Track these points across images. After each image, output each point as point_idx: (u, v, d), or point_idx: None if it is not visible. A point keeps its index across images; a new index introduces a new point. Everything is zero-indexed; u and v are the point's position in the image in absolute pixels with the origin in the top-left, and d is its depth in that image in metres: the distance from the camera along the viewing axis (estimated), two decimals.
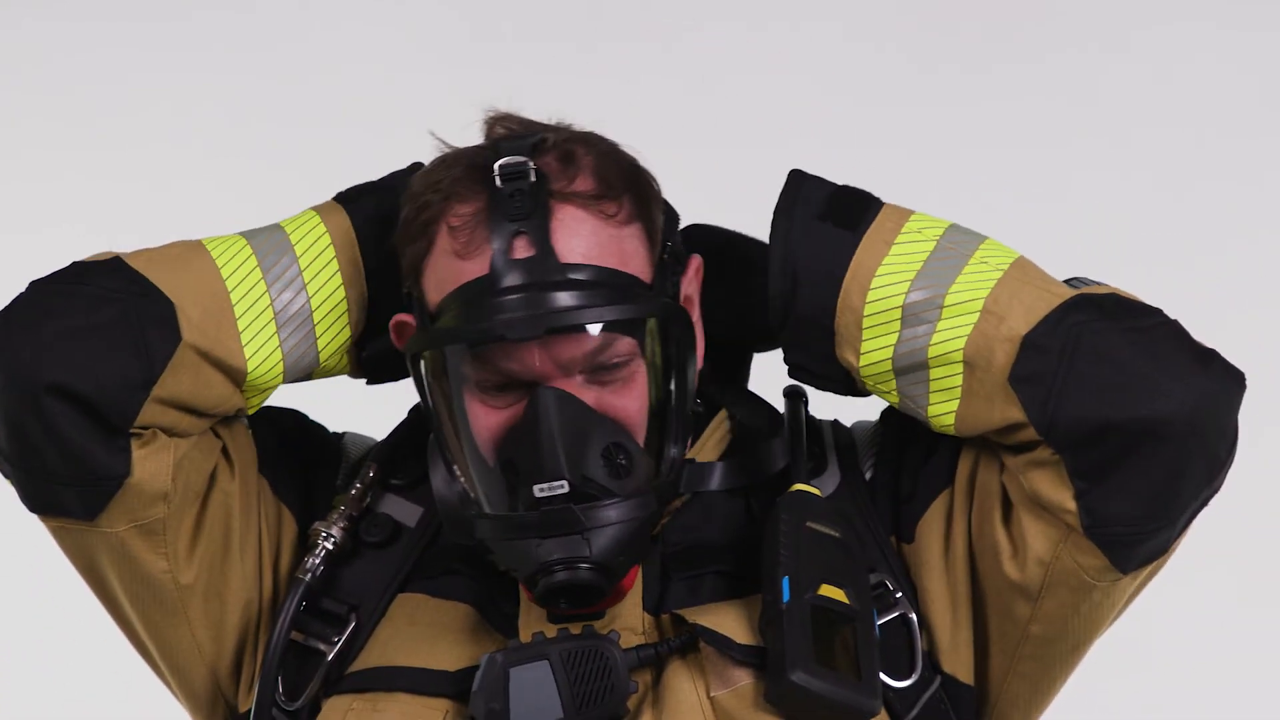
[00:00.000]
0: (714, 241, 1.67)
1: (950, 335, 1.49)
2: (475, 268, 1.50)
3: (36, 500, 1.54)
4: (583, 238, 1.50)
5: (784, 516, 1.54)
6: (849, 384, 1.56)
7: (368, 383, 1.65)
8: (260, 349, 1.54)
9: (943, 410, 1.52)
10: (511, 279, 1.48)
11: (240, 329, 1.53)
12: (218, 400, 1.54)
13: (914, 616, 1.56)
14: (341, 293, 1.56)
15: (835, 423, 1.70)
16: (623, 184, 1.53)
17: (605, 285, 1.49)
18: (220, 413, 1.56)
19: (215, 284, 1.53)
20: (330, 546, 1.59)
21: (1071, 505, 1.48)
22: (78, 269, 1.53)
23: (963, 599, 1.57)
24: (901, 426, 1.62)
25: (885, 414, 1.66)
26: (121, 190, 3.20)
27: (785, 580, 1.49)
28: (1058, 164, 3.15)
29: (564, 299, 1.47)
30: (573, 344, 1.49)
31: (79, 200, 3.21)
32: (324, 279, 1.56)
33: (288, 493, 1.64)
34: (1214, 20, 3.16)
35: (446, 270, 1.52)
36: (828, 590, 1.49)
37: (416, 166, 1.58)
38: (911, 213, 1.53)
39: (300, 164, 3.15)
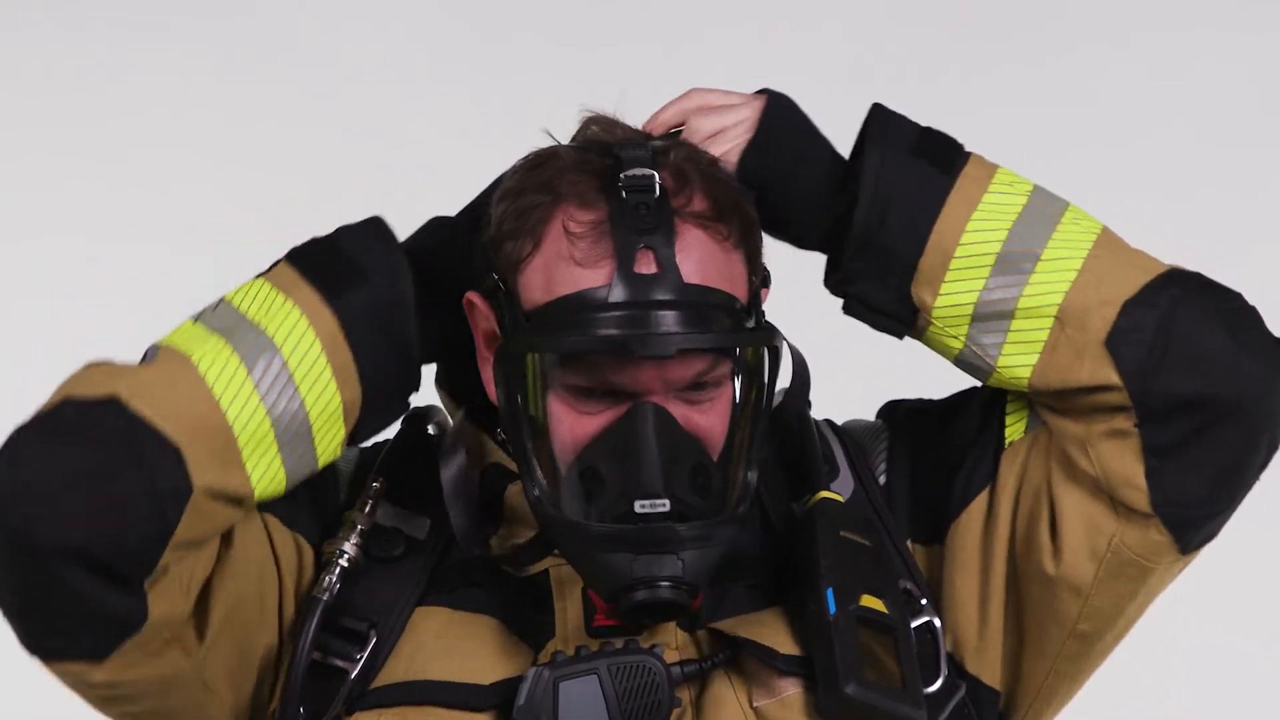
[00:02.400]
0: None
1: (1046, 289, 1.51)
2: (595, 277, 1.49)
3: (44, 648, 1.48)
4: (702, 259, 1.51)
5: (820, 525, 1.55)
6: (910, 324, 1.56)
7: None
8: (265, 473, 1.50)
9: (1018, 363, 1.53)
10: (635, 294, 1.48)
11: (244, 459, 1.49)
12: (224, 525, 1.51)
13: (938, 622, 1.57)
14: (337, 399, 1.52)
15: (829, 423, 1.70)
16: (732, 209, 1.54)
17: (722, 309, 1.50)
18: (224, 529, 1.53)
19: (214, 415, 1.47)
20: (345, 564, 1.58)
21: (1141, 482, 1.50)
22: (73, 411, 1.46)
23: (996, 600, 1.58)
24: (912, 427, 1.64)
25: (886, 413, 1.68)
26: (122, 197, 3.19)
27: (830, 591, 1.51)
28: (1058, 168, 3.12)
29: (686, 320, 1.48)
30: (685, 365, 1.49)
31: (80, 207, 3.21)
32: (319, 389, 1.51)
33: (299, 521, 1.62)
34: (1214, 24, 3.18)
35: (561, 275, 1.51)
36: (868, 600, 1.52)
37: (386, 238, 1.54)
38: (998, 166, 1.55)
39: (302, 170, 3.16)
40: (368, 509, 1.60)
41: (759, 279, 1.58)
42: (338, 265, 1.51)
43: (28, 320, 3.16)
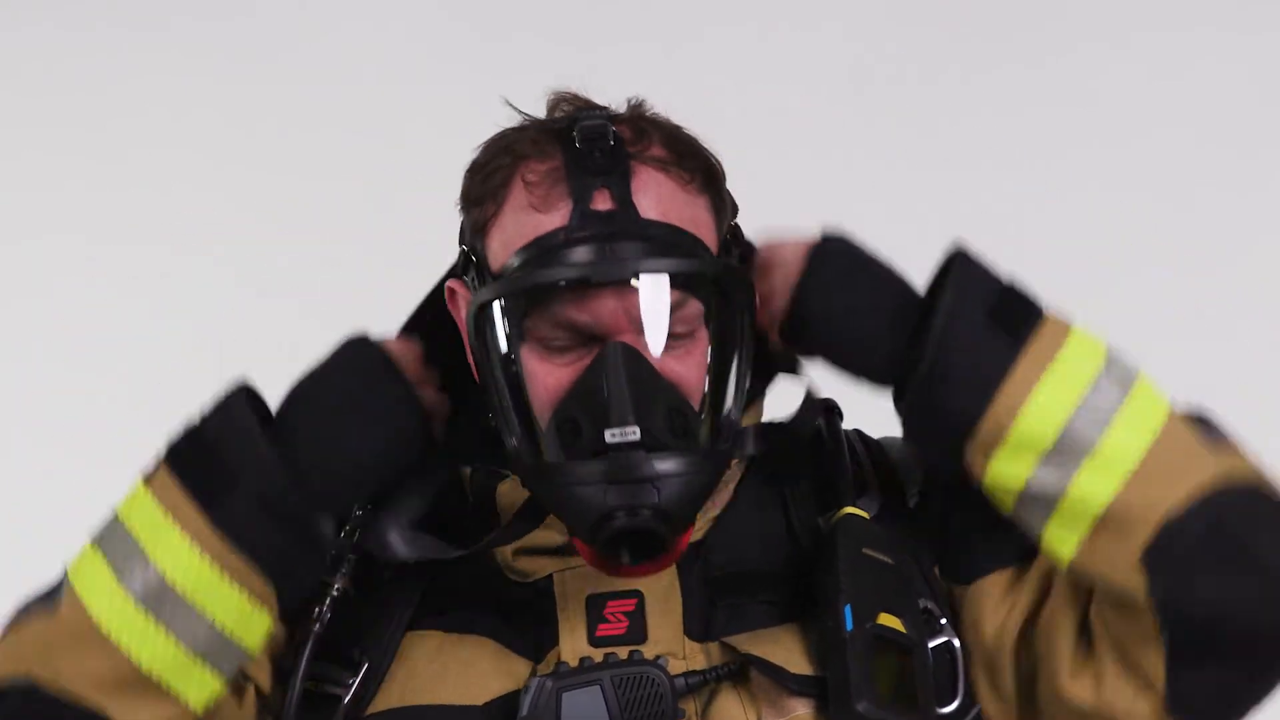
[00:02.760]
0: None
1: (1095, 487, 1.47)
2: (553, 220, 1.51)
3: None
4: (661, 198, 1.51)
5: (841, 542, 1.54)
6: (960, 472, 1.52)
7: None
8: (197, 689, 1.49)
9: (1058, 546, 1.49)
10: (592, 230, 1.49)
11: (171, 689, 1.49)
12: None
13: (958, 643, 1.56)
14: (242, 596, 1.49)
15: (862, 436, 1.69)
16: (693, 157, 1.55)
17: (682, 244, 1.50)
18: None
19: (125, 665, 1.47)
20: (335, 593, 1.58)
21: (1160, 684, 1.48)
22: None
23: (1005, 672, 1.57)
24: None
25: None
26: (122, 197, 3.19)
27: (848, 608, 1.49)
28: (1058, 170, 3.15)
29: (646, 249, 1.48)
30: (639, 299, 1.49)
31: (80, 207, 3.21)
32: (220, 599, 1.48)
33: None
34: (1214, 24, 3.17)
35: (521, 223, 1.52)
36: (886, 619, 1.50)
37: (248, 426, 1.50)
38: (1070, 330, 1.50)
39: (302, 170, 3.16)
40: (354, 536, 1.60)
41: (728, 231, 1.57)
42: (210, 469, 1.48)
43: (28, 320, 3.15)
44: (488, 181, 1.55)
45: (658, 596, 1.57)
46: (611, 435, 1.46)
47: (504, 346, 1.52)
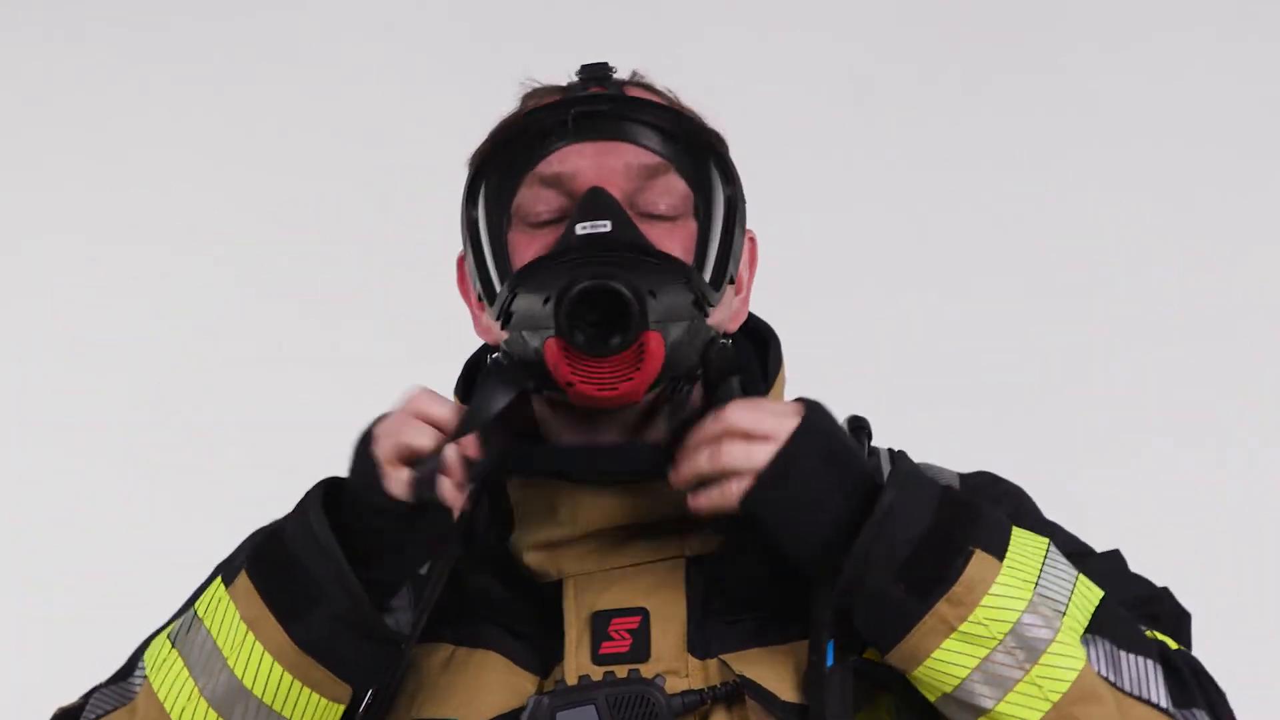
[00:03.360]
0: None
1: None
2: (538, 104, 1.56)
3: None
4: (654, 99, 1.57)
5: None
6: None
7: None
8: None
9: None
10: (580, 99, 1.53)
11: None
12: None
13: None
14: (324, 703, 1.50)
15: (898, 458, 1.63)
16: (690, 115, 1.58)
17: (673, 113, 1.55)
18: None
19: None
20: None
21: None
22: None
23: None
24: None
25: (967, 481, 1.63)
26: (122, 197, 3.18)
27: (830, 644, 1.47)
28: (1058, 174, 3.15)
29: (630, 104, 1.52)
30: (632, 153, 1.51)
31: (80, 207, 3.20)
32: (301, 707, 1.49)
33: None
34: (1214, 30, 3.17)
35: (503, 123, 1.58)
36: (872, 654, 1.48)
37: (329, 547, 1.48)
38: (995, 577, 1.42)
39: (302, 171, 3.15)
40: None
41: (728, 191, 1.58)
42: (292, 585, 1.47)
43: (28, 320, 3.15)
44: (494, 137, 1.59)
45: (663, 613, 1.55)
46: (582, 228, 1.47)
47: (490, 225, 1.55)
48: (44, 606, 3.02)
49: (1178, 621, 1.57)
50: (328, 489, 1.50)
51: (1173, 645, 1.49)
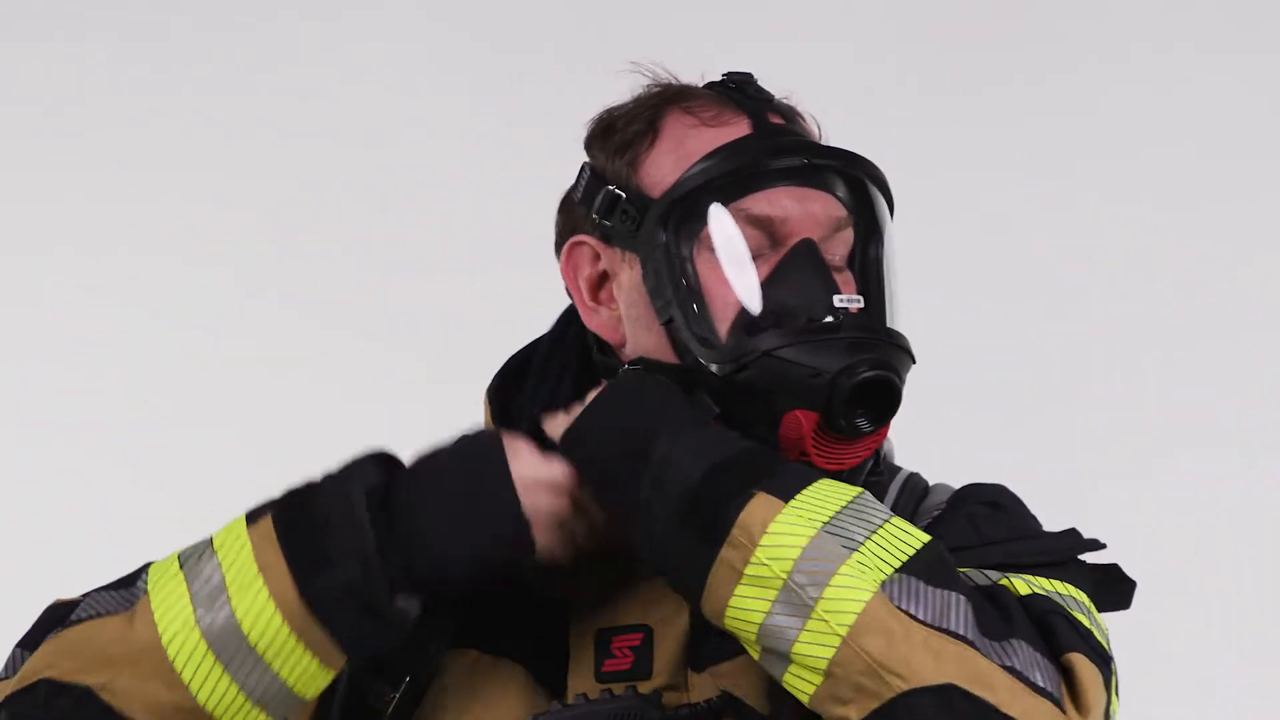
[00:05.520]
0: None
1: (798, 685, 1.38)
2: (734, 131, 1.52)
3: None
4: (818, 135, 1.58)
5: None
6: None
7: None
8: None
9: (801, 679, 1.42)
10: (781, 137, 1.52)
11: None
12: None
13: None
14: (315, 663, 1.46)
15: (910, 478, 1.63)
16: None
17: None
18: None
19: (184, 699, 1.44)
20: None
21: None
22: (46, 693, 1.45)
23: None
24: (968, 527, 1.55)
25: (951, 498, 1.61)
26: (133, 208, 3.16)
27: None
28: (1060, 183, 3.14)
29: (830, 150, 1.53)
30: (829, 205, 1.51)
31: (81, 214, 3.18)
32: (292, 662, 1.45)
33: None
34: (1217, 41, 3.16)
35: (692, 141, 1.52)
36: None
37: (357, 515, 1.46)
38: (775, 516, 1.40)
39: (312, 181, 3.15)
40: None
41: None
42: (311, 543, 1.45)
43: (30, 322, 3.14)
44: (633, 124, 1.54)
45: (665, 629, 1.52)
46: (840, 300, 1.47)
47: (686, 247, 1.51)
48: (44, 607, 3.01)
49: (1115, 585, 1.54)
50: (382, 469, 1.48)
51: (1025, 590, 1.44)
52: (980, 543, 1.51)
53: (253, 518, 1.48)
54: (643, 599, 1.53)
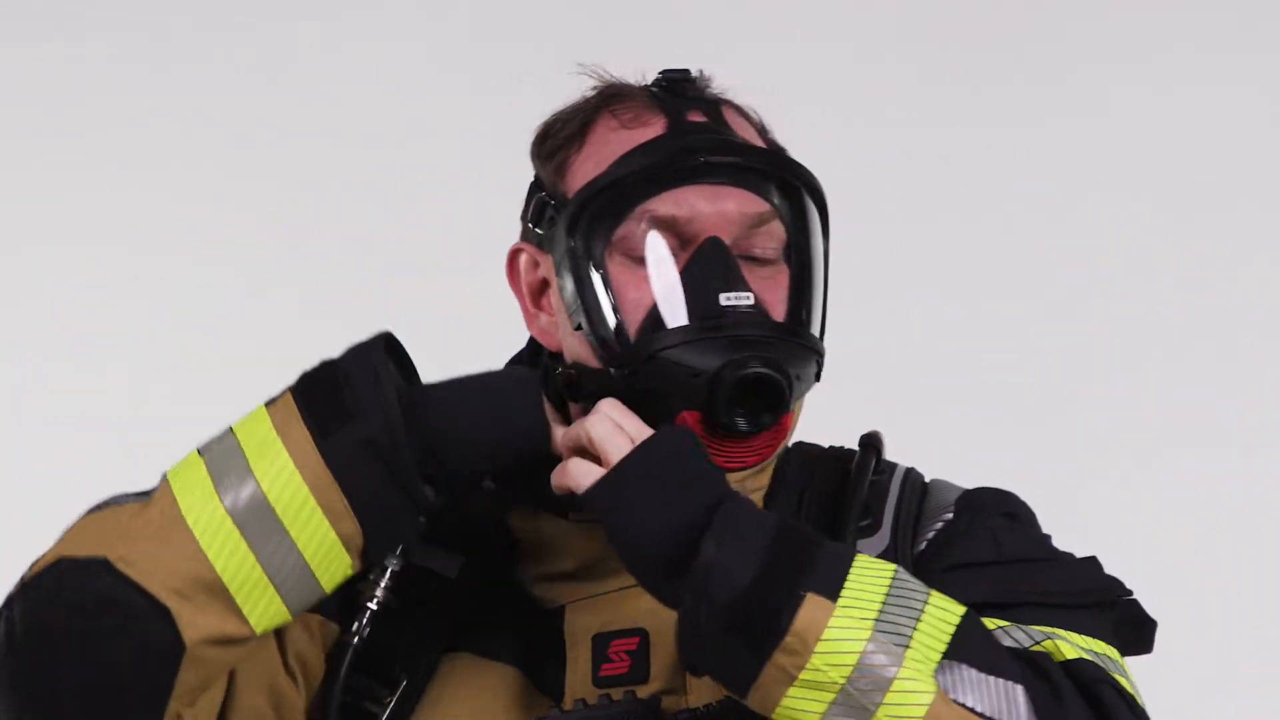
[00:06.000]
0: None
1: None
2: (650, 132, 1.53)
3: None
4: (745, 131, 1.56)
5: None
6: None
7: None
8: (264, 613, 1.47)
9: None
10: (692, 136, 1.52)
11: (239, 604, 1.45)
12: (232, 662, 1.50)
13: None
14: (332, 535, 1.47)
15: (909, 474, 1.64)
16: (764, 130, 1.61)
17: (780, 158, 1.55)
18: (237, 663, 1.52)
19: (203, 567, 1.45)
20: (374, 607, 1.55)
21: None
22: (65, 570, 1.45)
23: None
24: (985, 539, 1.57)
25: (960, 502, 1.61)
26: (143, 208, 3.17)
27: None
28: (1061, 184, 3.14)
29: (743, 147, 1.52)
30: (743, 200, 1.51)
31: (83, 213, 3.19)
32: (310, 530, 1.46)
33: (333, 607, 1.58)
34: (1226, 43, 3.16)
35: (610, 144, 1.53)
36: None
37: (380, 372, 1.48)
38: (828, 619, 1.38)
39: (321, 182, 3.15)
40: (399, 550, 1.56)
41: None
42: (332, 401, 1.46)
43: (32, 322, 3.14)
44: (566, 126, 1.56)
45: (662, 633, 1.53)
46: (727, 298, 1.47)
47: (591, 253, 1.52)
48: None
49: (1138, 629, 1.55)
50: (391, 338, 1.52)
51: (1071, 654, 1.45)
52: (1002, 559, 1.53)
53: (271, 400, 1.49)
54: (639, 603, 1.53)
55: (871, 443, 1.62)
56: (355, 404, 1.45)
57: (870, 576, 1.40)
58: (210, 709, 1.51)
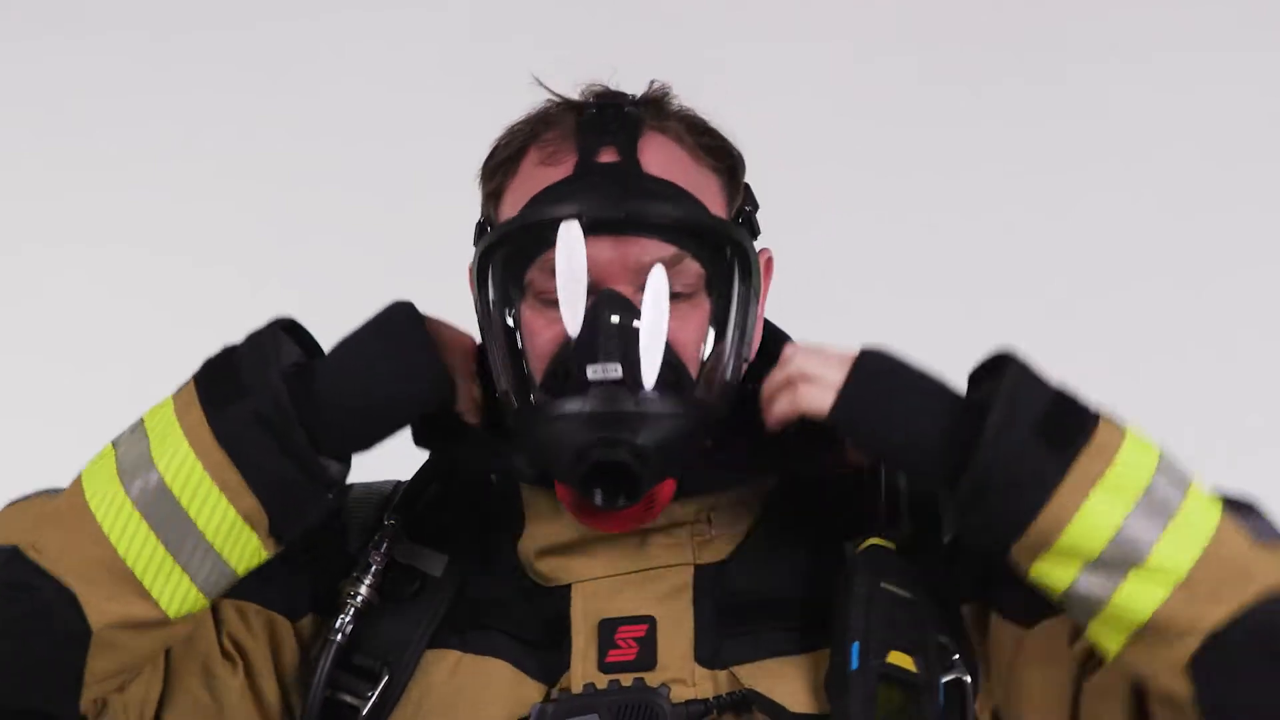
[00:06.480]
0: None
1: (1138, 598, 1.43)
2: (559, 172, 1.52)
3: None
4: (668, 159, 1.52)
5: (859, 577, 1.51)
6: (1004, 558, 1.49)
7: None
8: (174, 594, 1.49)
9: (1103, 641, 1.46)
10: (593, 179, 1.50)
11: (146, 585, 1.48)
12: (155, 648, 1.52)
13: (968, 679, 1.53)
14: (232, 512, 1.49)
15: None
16: (709, 136, 1.56)
17: (686, 200, 1.50)
18: (163, 648, 1.54)
19: (105, 550, 1.48)
20: (358, 604, 1.58)
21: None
22: None
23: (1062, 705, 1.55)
24: None
25: None
26: (128, 209, 3.18)
27: (855, 646, 1.47)
28: (1068, 185, 3.14)
29: (643, 195, 1.49)
30: (645, 248, 1.50)
31: (85, 212, 3.19)
32: (209, 508, 1.48)
33: (271, 598, 1.62)
34: (1226, 43, 3.16)
35: (529, 181, 1.53)
36: (896, 657, 1.47)
37: (269, 349, 1.52)
38: (1123, 441, 1.46)
39: (327, 184, 3.15)
40: (383, 548, 1.60)
41: (741, 215, 1.57)
42: (223, 381, 1.50)
43: (40, 327, 3.15)
44: (503, 152, 1.57)
45: (670, 622, 1.55)
46: (593, 371, 1.46)
47: (501, 295, 1.54)
48: None
49: None
50: (291, 322, 1.55)
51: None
52: None
53: (178, 389, 1.53)
54: (647, 589, 1.55)
55: None
56: (246, 381, 1.48)
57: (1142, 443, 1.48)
58: (146, 697, 1.54)
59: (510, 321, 1.53)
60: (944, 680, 1.50)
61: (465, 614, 1.59)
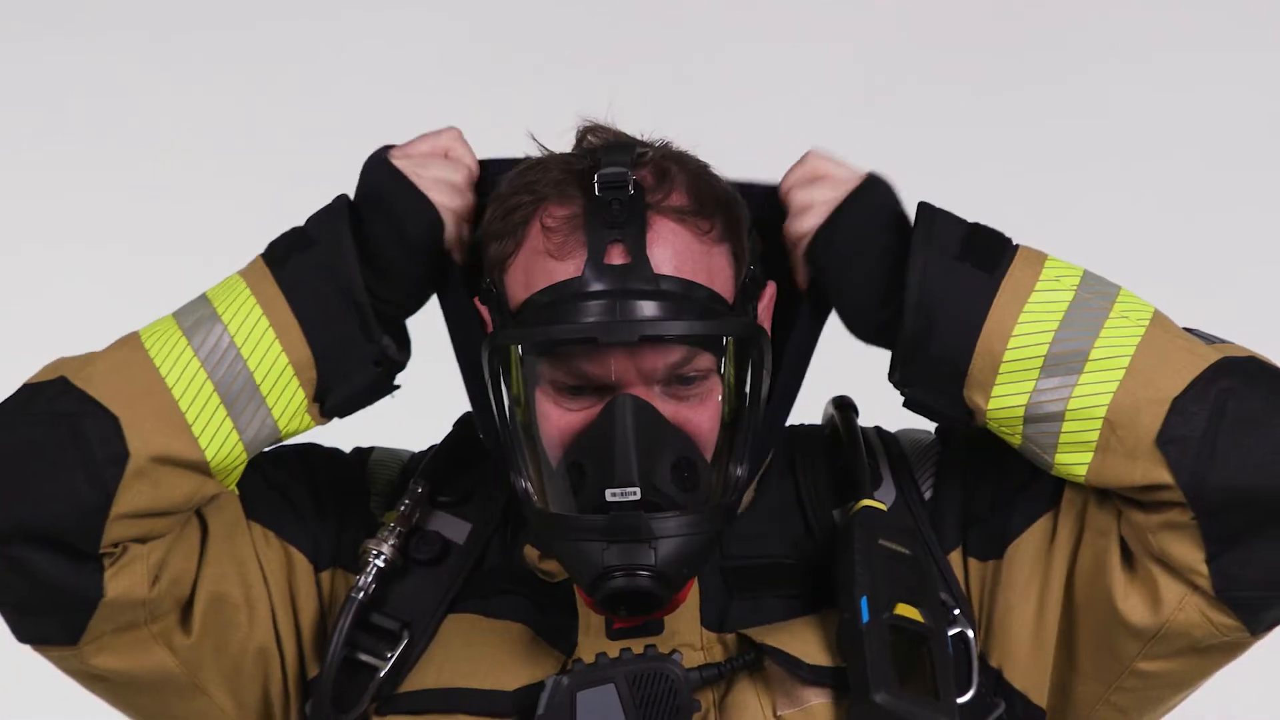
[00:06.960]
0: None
1: (1094, 390, 1.48)
2: (568, 269, 1.51)
3: (23, 633, 1.55)
4: (676, 251, 1.51)
5: (857, 534, 1.54)
6: (968, 421, 1.54)
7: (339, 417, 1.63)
8: (214, 437, 1.52)
9: (1073, 461, 1.50)
10: (605, 284, 1.49)
11: (190, 422, 1.51)
12: (186, 497, 1.53)
13: (971, 633, 1.56)
14: (284, 359, 1.53)
15: (880, 431, 1.69)
16: (714, 204, 1.54)
17: (694, 299, 1.50)
18: (194, 505, 1.55)
19: (155, 384, 1.51)
20: (381, 564, 1.60)
21: (1203, 568, 1.48)
22: (26, 393, 1.53)
23: (1050, 622, 1.57)
24: (970, 449, 1.62)
25: (943, 433, 1.66)
26: (129, 209, 3.19)
27: (864, 600, 1.49)
28: (1068, 184, 3.15)
29: (656, 309, 1.48)
30: (658, 354, 1.50)
31: (86, 214, 3.20)
32: (262, 350, 1.53)
33: (296, 535, 1.64)
34: (1226, 43, 3.17)
35: (537, 269, 1.52)
36: (903, 609, 1.49)
37: (342, 203, 1.58)
38: (1045, 257, 1.53)
39: (311, 180, 3.14)
40: (404, 509, 1.62)
41: (747, 275, 1.57)
42: (289, 240, 1.57)
43: (41, 326, 3.14)
44: (508, 218, 1.55)
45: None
46: (612, 495, 1.47)
47: (517, 389, 1.55)
48: None
49: None
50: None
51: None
52: None
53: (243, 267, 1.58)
54: None
55: (849, 403, 1.67)
56: (314, 234, 1.54)
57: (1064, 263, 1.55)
58: (185, 567, 1.56)
59: (527, 410, 1.54)
60: (949, 633, 1.53)
61: (487, 580, 1.61)
